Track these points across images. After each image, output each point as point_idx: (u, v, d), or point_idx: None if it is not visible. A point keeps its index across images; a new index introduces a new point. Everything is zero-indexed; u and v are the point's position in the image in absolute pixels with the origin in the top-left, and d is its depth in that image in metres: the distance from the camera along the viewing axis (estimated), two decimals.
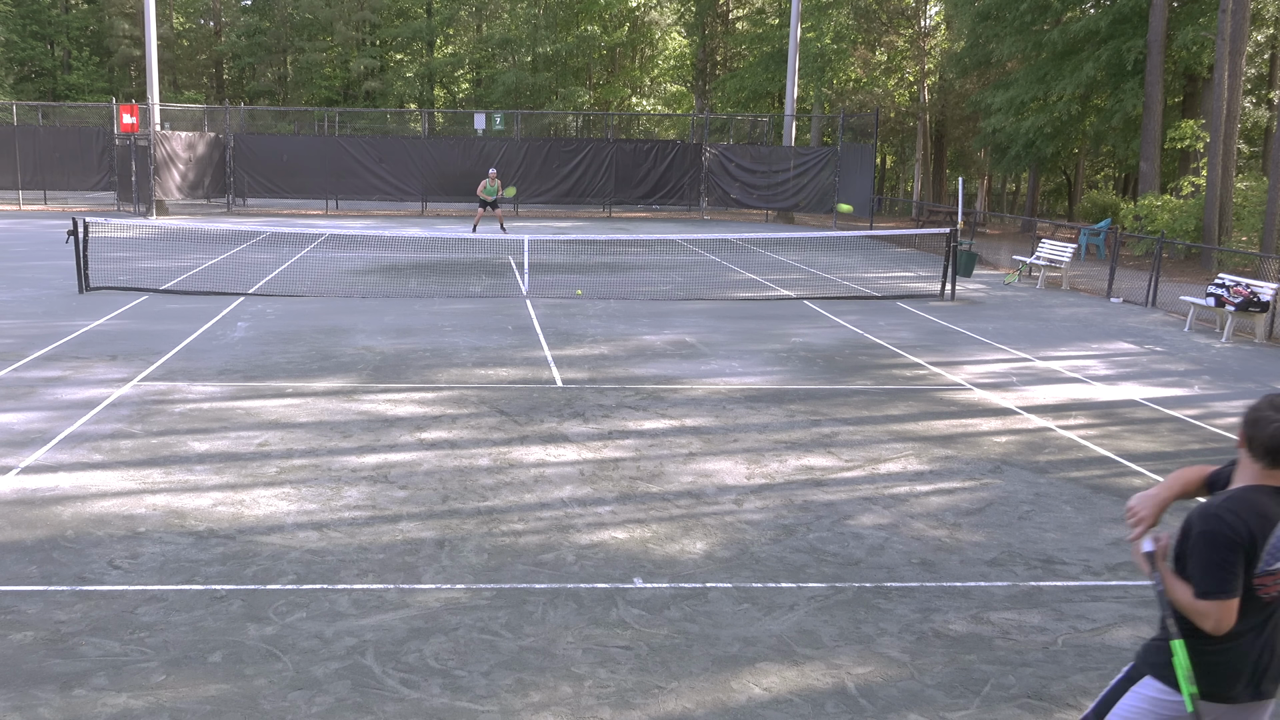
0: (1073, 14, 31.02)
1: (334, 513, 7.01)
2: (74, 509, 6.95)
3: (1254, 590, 3.18)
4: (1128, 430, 9.70)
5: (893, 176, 58.80)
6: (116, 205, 33.21)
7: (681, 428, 9.32)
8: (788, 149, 34.88)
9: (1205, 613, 3.15)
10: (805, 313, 15.99)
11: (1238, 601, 3.14)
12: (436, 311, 15.20)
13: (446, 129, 46.82)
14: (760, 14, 48.44)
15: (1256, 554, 3.14)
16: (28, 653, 5.04)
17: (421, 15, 54.34)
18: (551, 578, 6.06)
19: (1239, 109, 25.45)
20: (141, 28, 36.99)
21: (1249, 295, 14.77)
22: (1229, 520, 3.14)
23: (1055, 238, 27.10)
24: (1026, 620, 5.68)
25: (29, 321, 13.62)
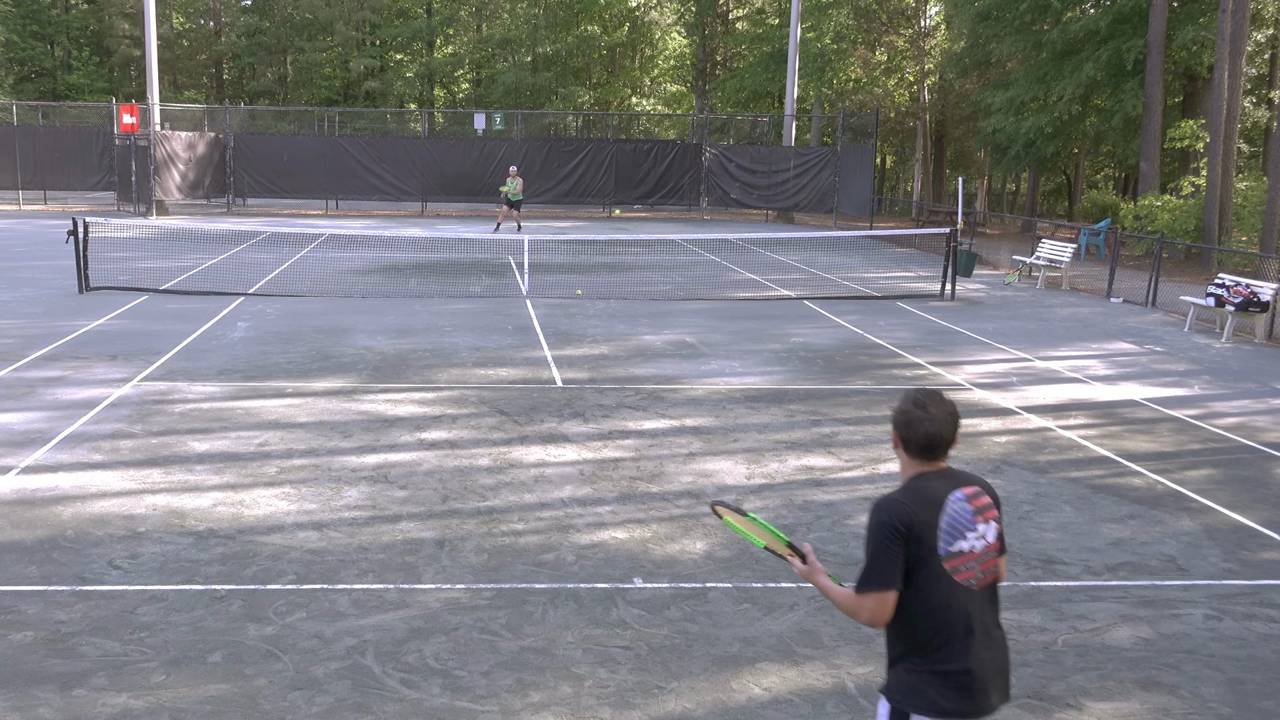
0: (1073, 14, 31.02)
1: (334, 513, 7.01)
2: (74, 509, 6.95)
3: (952, 576, 3.13)
4: (1128, 430, 9.70)
5: (893, 176, 58.80)
6: (116, 205, 33.21)
7: (681, 428, 9.33)
8: (788, 149, 34.88)
9: (861, 606, 3.13)
10: (805, 313, 15.99)
11: (892, 595, 3.10)
12: (436, 311, 15.20)
13: (446, 129, 46.82)
14: (760, 14, 48.44)
15: (925, 538, 3.11)
16: (28, 653, 5.04)
17: (421, 15, 54.32)
18: (551, 578, 6.06)
19: (1239, 109, 25.44)
20: (141, 28, 36.99)
21: (1249, 295, 14.77)
22: (891, 511, 3.11)
23: (1055, 238, 27.10)
24: (1026, 620, 5.68)
25: (29, 321, 13.62)
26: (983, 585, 3.21)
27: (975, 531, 3.17)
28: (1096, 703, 4.84)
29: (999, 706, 3.23)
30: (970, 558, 3.16)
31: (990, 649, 3.21)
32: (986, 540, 3.20)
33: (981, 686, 3.17)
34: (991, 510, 3.24)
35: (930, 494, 3.15)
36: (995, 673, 3.21)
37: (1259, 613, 5.86)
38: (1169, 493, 7.91)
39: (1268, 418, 10.36)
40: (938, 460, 3.20)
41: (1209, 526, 7.22)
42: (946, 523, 3.13)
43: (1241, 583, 6.28)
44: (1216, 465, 8.69)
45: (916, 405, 3.18)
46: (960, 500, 3.17)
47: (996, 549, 3.24)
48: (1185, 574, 6.38)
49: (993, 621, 3.25)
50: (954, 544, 3.13)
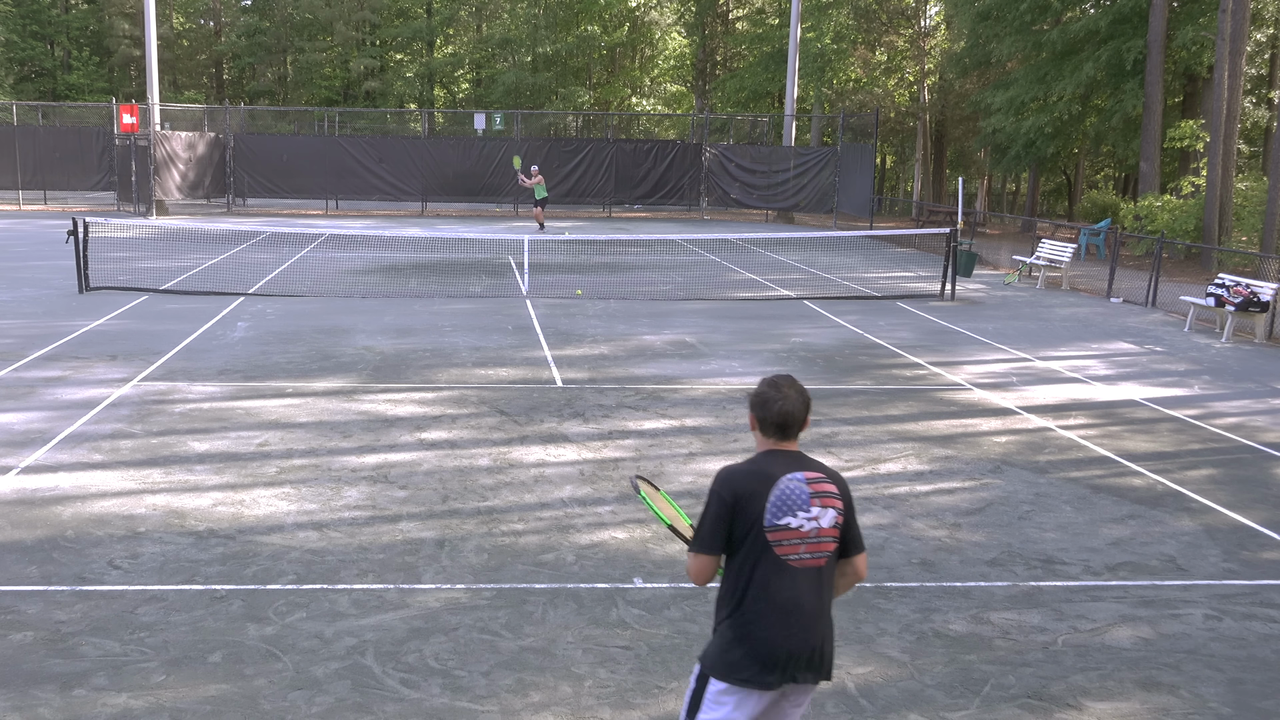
0: (1072, 14, 31.02)
1: (334, 513, 7.01)
2: (74, 509, 6.95)
3: (772, 550, 3.31)
4: (1128, 430, 9.70)
5: (893, 176, 58.80)
6: (116, 205, 33.21)
7: (681, 428, 9.33)
8: (788, 149, 34.88)
9: (690, 565, 3.36)
10: (805, 313, 15.99)
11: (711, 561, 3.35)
12: (436, 311, 15.20)
13: (446, 129, 46.83)
14: (760, 14, 48.44)
15: (752, 511, 3.30)
16: (28, 653, 5.04)
17: (421, 15, 54.33)
18: (551, 578, 6.06)
19: (1239, 109, 25.44)
20: (141, 28, 36.99)
21: (1249, 295, 14.77)
22: (724, 481, 3.36)
23: (1055, 238, 27.10)
24: (1026, 620, 5.68)
25: (29, 321, 13.62)
26: (806, 565, 3.34)
27: (807, 512, 3.33)
28: (1096, 703, 4.84)
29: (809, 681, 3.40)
30: (795, 534, 3.31)
31: (803, 629, 3.33)
32: (819, 524, 3.34)
33: (784, 662, 3.32)
34: (832, 499, 3.38)
35: (768, 470, 3.36)
36: (804, 651, 3.35)
37: (1259, 613, 5.87)
38: (1169, 493, 7.91)
39: (1268, 418, 10.36)
40: (788, 440, 3.42)
41: (1209, 526, 7.22)
42: (776, 497, 3.31)
43: (1241, 583, 6.28)
44: (1216, 465, 8.69)
45: (772, 387, 3.41)
46: (798, 480, 3.35)
47: (832, 535, 3.37)
48: (1185, 574, 6.38)
49: (814, 603, 3.36)
50: (780, 518, 3.31)
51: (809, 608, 3.35)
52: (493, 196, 34.99)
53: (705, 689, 3.41)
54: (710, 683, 3.40)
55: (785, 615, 3.32)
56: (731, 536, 3.33)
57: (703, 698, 3.42)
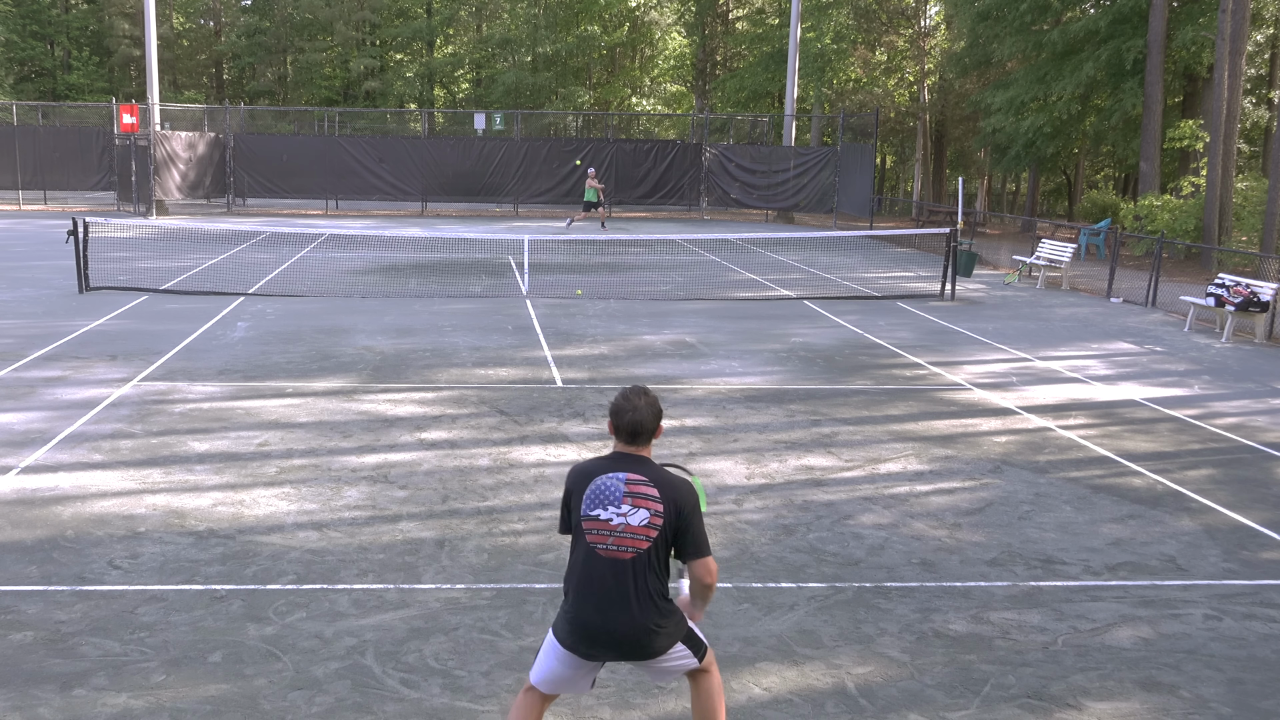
0: (1072, 14, 31.02)
1: (334, 513, 7.01)
2: (74, 509, 6.95)
3: (585, 537, 3.74)
4: (1128, 430, 9.70)
5: (893, 176, 58.81)
6: (116, 205, 33.22)
7: (681, 428, 9.33)
8: (788, 149, 34.88)
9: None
10: (805, 313, 15.99)
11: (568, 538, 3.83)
12: (436, 311, 15.20)
13: (446, 129, 46.84)
14: (760, 14, 48.44)
15: (575, 502, 3.78)
16: (28, 653, 5.04)
17: (421, 15, 54.32)
18: (551, 578, 6.05)
19: (1239, 109, 25.44)
20: (141, 28, 36.98)
21: (1249, 295, 14.77)
22: (568, 474, 3.89)
23: (1055, 238, 27.10)
24: (1026, 620, 5.68)
25: (29, 321, 13.62)
26: (613, 556, 3.69)
27: (617, 508, 3.69)
28: (1096, 703, 4.84)
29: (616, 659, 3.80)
30: (604, 526, 3.70)
31: (607, 612, 3.70)
32: (627, 520, 3.68)
33: (590, 636, 3.74)
34: (649, 501, 3.69)
35: (594, 469, 3.81)
36: (613, 630, 3.71)
37: (1259, 613, 5.87)
38: (1169, 493, 7.91)
39: (1268, 418, 10.36)
40: (636, 445, 3.82)
41: (1209, 526, 7.22)
42: (590, 491, 3.75)
43: (1241, 583, 6.28)
44: (1216, 465, 8.69)
45: (625, 399, 3.82)
46: (616, 479, 3.74)
47: (643, 534, 3.68)
48: (1185, 574, 6.38)
49: (616, 591, 3.69)
50: (592, 510, 3.72)
51: (612, 595, 3.69)
52: (493, 196, 34.99)
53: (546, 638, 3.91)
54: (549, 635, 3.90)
55: (592, 597, 3.72)
56: (569, 521, 3.82)
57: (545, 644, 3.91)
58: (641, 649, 3.76)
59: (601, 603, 3.70)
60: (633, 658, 3.81)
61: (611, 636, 3.73)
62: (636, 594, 3.70)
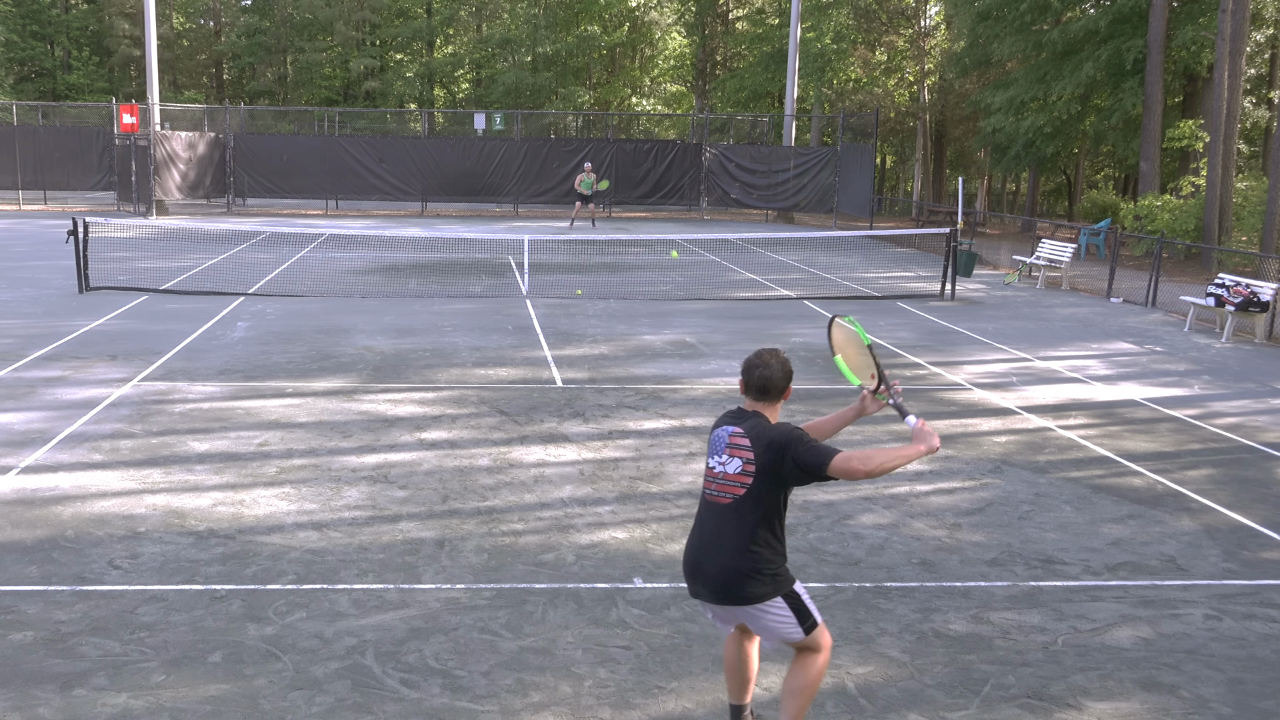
0: (1072, 14, 31.02)
1: (334, 513, 7.01)
2: (74, 509, 6.95)
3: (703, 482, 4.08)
4: (1128, 430, 9.70)
5: (893, 176, 58.80)
6: (116, 205, 33.21)
7: (681, 428, 9.32)
8: (788, 149, 34.88)
9: None
10: (805, 313, 15.99)
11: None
12: (436, 311, 15.20)
13: (446, 129, 46.84)
14: (760, 14, 48.44)
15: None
16: (28, 653, 5.04)
17: (421, 15, 54.32)
18: (551, 578, 6.06)
19: (1239, 109, 25.44)
20: (141, 28, 36.98)
21: (1249, 295, 14.77)
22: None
23: (1055, 238, 27.10)
24: (1026, 620, 5.68)
25: (29, 321, 13.62)
26: (714, 500, 4.01)
27: (719, 457, 4.02)
28: (1096, 703, 4.84)
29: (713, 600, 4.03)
30: (711, 473, 4.04)
31: (703, 551, 4.01)
32: (725, 469, 3.98)
33: (691, 573, 4.06)
34: (742, 450, 3.96)
35: (721, 421, 4.12)
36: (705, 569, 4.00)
37: (1259, 613, 5.87)
38: (1169, 493, 7.91)
39: (1268, 418, 10.36)
40: (763, 402, 4.07)
41: (1209, 526, 7.22)
42: (710, 442, 4.11)
43: (1241, 583, 6.28)
44: (1216, 465, 8.69)
45: (758, 356, 4.09)
46: (725, 431, 4.05)
47: (737, 480, 3.94)
48: (1185, 574, 6.38)
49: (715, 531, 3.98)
50: (709, 459, 4.09)
51: (709, 537, 3.99)
52: (493, 196, 34.99)
53: None
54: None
55: (695, 538, 4.08)
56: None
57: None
58: (731, 592, 3.95)
59: (700, 542, 4.03)
60: (726, 601, 3.98)
61: (706, 575, 3.99)
62: (729, 537, 3.93)
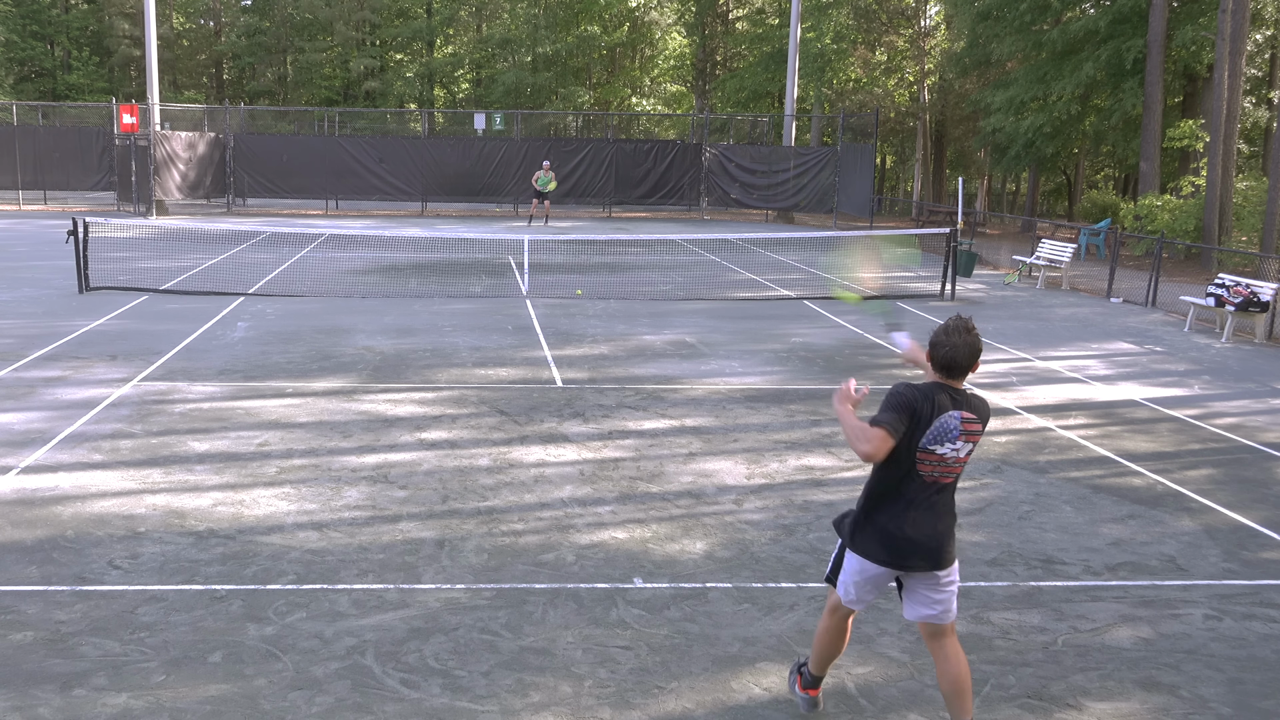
0: (1072, 14, 31.02)
1: (334, 513, 7.01)
2: (74, 509, 6.95)
3: (916, 464, 4.08)
4: (1128, 430, 9.70)
5: (893, 176, 58.81)
6: (116, 205, 33.21)
7: (681, 428, 9.32)
8: (788, 149, 34.88)
9: (870, 436, 3.99)
10: (805, 313, 15.99)
11: (892, 444, 4.01)
12: (436, 311, 15.20)
13: (446, 129, 46.83)
14: (760, 14, 48.45)
15: (919, 425, 4.05)
16: (28, 653, 5.04)
17: (421, 15, 54.32)
18: (551, 578, 6.06)
19: (1239, 109, 25.44)
20: (141, 28, 36.99)
21: (1249, 295, 14.77)
22: (911, 392, 4.09)
23: (1055, 238, 27.10)
24: (1026, 620, 5.68)
25: (29, 321, 13.62)
26: (936, 480, 4.13)
27: (953, 444, 4.08)
28: (1096, 703, 4.84)
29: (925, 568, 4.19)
30: (939, 459, 4.09)
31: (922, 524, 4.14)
32: (959, 455, 4.11)
33: (905, 548, 4.16)
34: (975, 435, 4.12)
35: (938, 402, 4.06)
36: (923, 541, 4.15)
37: (1259, 613, 5.87)
38: (1169, 493, 7.91)
39: (1267, 418, 10.36)
40: (954, 379, 4.13)
41: (1209, 526, 7.22)
42: (935, 428, 4.05)
43: (1241, 583, 6.28)
44: (1216, 465, 8.69)
45: (945, 333, 4.12)
46: (955, 418, 4.06)
47: (964, 461, 4.16)
48: (1185, 574, 6.38)
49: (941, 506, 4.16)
50: (930, 444, 4.06)
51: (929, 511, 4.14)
52: (493, 196, 34.99)
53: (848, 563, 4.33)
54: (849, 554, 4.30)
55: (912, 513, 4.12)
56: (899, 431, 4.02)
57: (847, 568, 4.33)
58: (943, 555, 4.20)
59: (920, 517, 4.13)
60: (935, 565, 4.20)
61: (925, 545, 4.16)
62: (947, 510, 4.22)
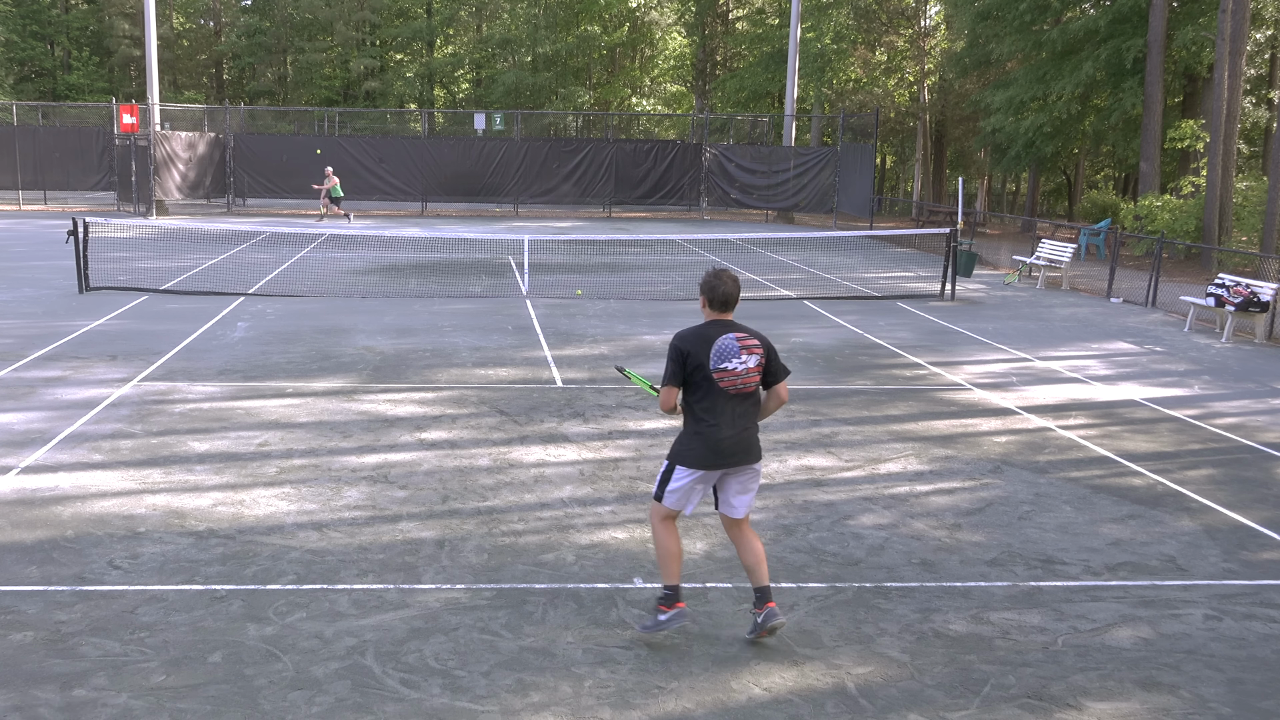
0: (1072, 13, 31.03)
1: (334, 513, 7.01)
2: (74, 509, 6.95)
3: (717, 383, 5.07)
4: (1128, 430, 9.70)
5: (893, 176, 58.80)
6: (116, 205, 33.22)
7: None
8: (788, 149, 34.88)
9: (662, 396, 5.19)
10: (805, 313, 15.99)
11: (676, 390, 5.17)
12: (436, 311, 15.20)
13: (446, 129, 46.83)
14: (760, 14, 48.44)
15: (700, 357, 5.06)
16: (28, 653, 5.04)
17: (421, 15, 54.32)
18: (551, 578, 6.06)
19: (1239, 109, 25.44)
20: (141, 28, 36.99)
21: (1249, 295, 14.77)
22: (677, 341, 5.16)
23: (1055, 238, 27.10)
24: (1026, 620, 5.68)
25: (29, 321, 13.62)
26: (740, 391, 5.11)
27: (739, 359, 5.08)
28: (1096, 703, 4.84)
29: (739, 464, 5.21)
30: (732, 373, 5.07)
31: (736, 429, 5.15)
32: (746, 365, 5.09)
33: (725, 451, 5.14)
34: (755, 348, 5.14)
35: (708, 334, 5.11)
36: (738, 442, 5.17)
37: (1259, 613, 5.87)
38: (1169, 493, 7.91)
39: (1267, 418, 10.36)
40: (726, 313, 5.20)
41: (1209, 526, 7.22)
42: (715, 350, 5.07)
43: (1241, 583, 6.28)
44: (1216, 465, 8.69)
45: (716, 278, 5.19)
46: (730, 339, 5.09)
47: (756, 372, 5.13)
48: (1185, 574, 6.38)
49: (744, 413, 5.17)
50: (720, 364, 5.07)
51: (740, 418, 5.15)
52: (493, 196, 35.00)
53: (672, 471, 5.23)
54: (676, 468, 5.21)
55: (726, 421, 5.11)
56: (682, 375, 5.12)
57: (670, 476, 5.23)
58: (753, 450, 5.24)
59: (732, 422, 5.11)
60: (748, 460, 5.22)
61: (740, 445, 5.16)
62: (751, 415, 5.22)
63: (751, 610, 5.32)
